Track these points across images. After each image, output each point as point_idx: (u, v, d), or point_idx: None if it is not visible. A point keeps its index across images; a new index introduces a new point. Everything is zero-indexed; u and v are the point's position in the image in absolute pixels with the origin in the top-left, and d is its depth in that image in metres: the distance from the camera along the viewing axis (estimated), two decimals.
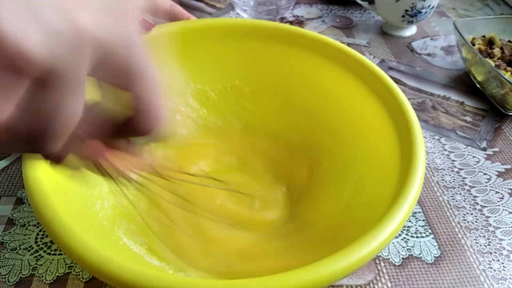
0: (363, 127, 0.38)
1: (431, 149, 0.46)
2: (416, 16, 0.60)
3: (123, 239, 0.33)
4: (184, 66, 0.44)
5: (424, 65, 0.58)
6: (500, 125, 0.49)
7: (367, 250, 0.25)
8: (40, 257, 0.35)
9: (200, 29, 0.43)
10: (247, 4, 0.63)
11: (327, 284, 0.24)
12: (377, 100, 0.37)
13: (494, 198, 0.41)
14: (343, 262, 0.24)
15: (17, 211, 0.38)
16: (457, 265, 0.35)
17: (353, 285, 0.34)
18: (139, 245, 0.33)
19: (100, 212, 0.33)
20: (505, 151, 0.46)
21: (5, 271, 0.34)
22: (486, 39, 0.55)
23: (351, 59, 0.39)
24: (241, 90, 0.45)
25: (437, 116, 0.50)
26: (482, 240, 0.37)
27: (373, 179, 0.35)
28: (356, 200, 0.35)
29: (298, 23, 0.66)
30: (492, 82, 0.48)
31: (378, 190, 0.33)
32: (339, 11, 0.70)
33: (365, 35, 0.64)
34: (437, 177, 0.42)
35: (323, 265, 0.24)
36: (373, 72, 0.38)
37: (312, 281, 0.23)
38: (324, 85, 0.42)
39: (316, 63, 0.42)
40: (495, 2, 0.74)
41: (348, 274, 0.25)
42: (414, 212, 0.39)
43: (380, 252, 0.36)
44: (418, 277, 0.34)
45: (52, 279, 0.33)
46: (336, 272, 0.24)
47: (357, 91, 0.39)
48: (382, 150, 0.35)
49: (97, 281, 0.33)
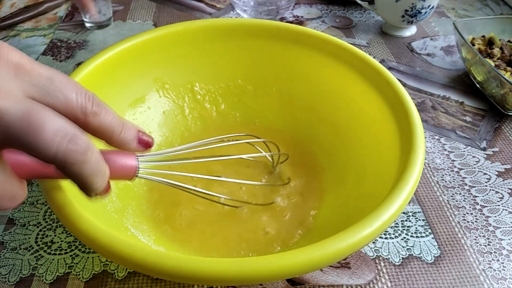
0: (364, 120, 0.39)
1: (431, 149, 0.46)
2: (416, 16, 0.60)
3: (131, 229, 0.34)
4: (187, 66, 0.44)
5: (424, 65, 0.58)
6: (500, 125, 0.49)
7: (369, 230, 0.26)
8: (40, 257, 0.35)
9: (202, 29, 0.44)
10: (247, 4, 0.63)
11: (336, 259, 0.25)
12: (377, 93, 0.38)
13: (494, 198, 0.41)
14: (346, 241, 0.25)
15: (17, 211, 0.38)
16: (457, 265, 0.35)
17: (353, 285, 0.34)
18: (147, 235, 0.34)
19: (109, 205, 0.34)
20: (505, 151, 0.46)
21: (5, 271, 0.34)
22: (486, 39, 0.55)
23: (350, 54, 0.40)
24: (244, 89, 0.46)
25: (437, 116, 0.50)
26: (482, 240, 0.37)
27: (374, 170, 0.35)
28: (358, 190, 0.36)
29: (298, 23, 0.66)
30: (492, 82, 0.48)
31: (379, 180, 0.33)
32: (339, 11, 0.70)
33: (365, 35, 0.64)
34: (437, 177, 0.42)
35: (330, 242, 0.25)
36: (372, 66, 0.38)
37: (320, 257, 0.24)
38: (324, 81, 0.43)
39: (316, 60, 0.43)
40: (495, 2, 0.74)
41: (350, 254, 0.26)
42: (414, 212, 0.39)
43: (380, 251, 0.36)
44: (418, 277, 0.34)
45: (52, 279, 0.33)
46: (342, 249, 0.25)
47: (357, 85, 0.40)
48: (383, 141, 0.36)
49: (97, 280, 0.33)
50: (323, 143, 0.42)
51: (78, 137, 0.20)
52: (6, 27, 0.64)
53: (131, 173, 0.28)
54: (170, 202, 0.38)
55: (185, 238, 0.35)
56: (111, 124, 0.23)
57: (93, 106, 0.22)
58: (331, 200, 0.38)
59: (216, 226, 0.36)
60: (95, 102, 0.22)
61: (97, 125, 0.23)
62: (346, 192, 0.37)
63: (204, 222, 0.37)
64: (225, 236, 0.36)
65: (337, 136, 0.41)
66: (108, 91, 0.40)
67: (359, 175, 0.37)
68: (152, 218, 0.37)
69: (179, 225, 0.36)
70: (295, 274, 0.25)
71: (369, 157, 0.37)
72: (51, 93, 0.21)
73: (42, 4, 0.67)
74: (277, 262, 0.24)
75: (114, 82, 0.40)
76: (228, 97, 0.46)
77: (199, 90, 0.45)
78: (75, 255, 0.35)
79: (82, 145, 0.20)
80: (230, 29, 0.44)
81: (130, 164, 0.27)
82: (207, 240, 0.35)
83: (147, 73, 0.43)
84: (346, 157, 0.39)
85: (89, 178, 0.22)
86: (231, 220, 0.37)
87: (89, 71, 0.37)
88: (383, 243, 0.37)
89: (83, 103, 0.22)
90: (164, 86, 0.44)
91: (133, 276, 0.34)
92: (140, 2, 0.70)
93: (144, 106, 0.43)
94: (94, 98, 0.22)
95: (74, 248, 0.35)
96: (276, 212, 0.37)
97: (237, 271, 0.24)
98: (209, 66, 0.45)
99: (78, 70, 0.37)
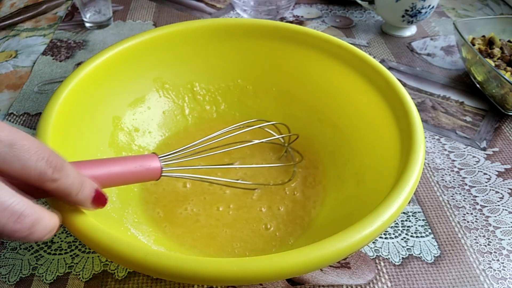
0: (364, 119, 0.39)
1: (431, 149, 0.46)
2: (416, 16, 0.60)
3: (131, 229, 0.34)
4: (187, 66, 0.44)
5: (424, 65, 0.58)
6: (500, 125, 0.49)
7: (369, 230, 0.26)
8: (40, 256, 0.35)
9: (202, 29, 0.44)
10: (247, 4, 0.63)
11: (335, 259, 0.25)
12: (377, 93, 0.38)
13: (494, 198, 0.41)
14: (346, 241, 0.25)
15: None
16: (457, 265, 0.35)
17: (353, 285, 0.34)
18: (147, 235, 0.34)
19: (109, 205, 0.34)
20: (505, 151, 0.46)
21: (5, 271, 0.34)
22: (486, 39, 0.55)
23: (350, 54, 0.40)
24: (244, 89, 0.46)
25: (437, 116, 0.50)
26: (482, 240, 0.37)
27: (374, 169, 0.36)
28: (358, 190, 0.36)
29: (298, 23, 0.66)
30: (492, 82, 0.48)
31: (379, 180, 0.34)
32: (339, 11, 0.70)
33: (365, 35, 0.64)
34: (437, 177, 0.42)
35: (330, 242, 0.25)
36: (372, 66, 0.38)
37: (320, 257, 0.25)
38: (324, 81, 0.43)
39: (316, 59, 0.43)
40: (495, 2, 0.74)
41: (350, 254, 0.26)
42: (414, 212, 0.39)
43: (380, 251, 0.36)
44: (418, 277, 0.34)
45: (52, 279, 0.33)
46: (341, 249, 0.25)
47: (357, 85, 0.40)
48: (383, 141, 0.36)
49: (97, 280, 0.33)
50: (323, 142, 0.42)
51: (25, 216, 0.20)
52: (6, 27, 0.64)
53: (156, 174, 0.30)
54: (170, 201, 0.38)
55: (184, 236, 0.35)
56: (69, 187, 0.23)
57: (53, 172, 0.22)
58: (331, 199, 0.38)
59: (216, 223, 0.36)
60: (56, 168, 0.22)
61: (54, 189, 0.23)
62: (346, 191, 0.37)
63: (203, 220, 0.37)
64: (224, 235, 0.36)
65: (337, 136, 0.41)
66: (108, 91, 0.40)
67: (359, 174, 0.37)
68: (152, 218, 0.37)
69: (179, 223, 0.36)
70: (295, 274, 0.25)
71: (369, 157, 0.37)
72: (8, 161, 0.20)
73: (42, 4, 0.67)
74: (277, 262, 0.24)
75: (114, 82, 0.40)
76: (228, 97, 0.46)
77: (199, 90, 0.45)
78: (75, 255, 0.35)
79: (27, 224, 0.20)
80: (230, 29, 0.44)
81: (154, 166, 0.30)
82: (206, 238, 0.35)
83: (147, 73, 0.43)
84: (346, 156, 0.39)
85: (37, 239, 0.22)
86: (230, 219, 0.37)
87: (89, 71, 0.37)
88: (383, 243, 0.37)
89: (41, 170, 0.21)
90: (164, 86, 0.44)
91: (133, 276, 0.34)
92: (140, 2, 0.70)
93: (144, 106, 0.43)
94: (57, 163, 0.22)
95: (74, 248, 0.35)
96: (276, 211, 0.37)
97: (237, 271, 0.24)
98: (209, 66, 0.45)
99: (78, 70, 0.37)
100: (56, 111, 0.33)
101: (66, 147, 0.33)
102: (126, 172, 0.28)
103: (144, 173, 0.29)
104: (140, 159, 0.30)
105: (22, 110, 0.49)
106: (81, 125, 0.36)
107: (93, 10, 0.62)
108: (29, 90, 0.52)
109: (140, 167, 0.29)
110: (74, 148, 0.35)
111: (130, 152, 0.40)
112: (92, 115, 0.38)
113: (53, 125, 0.32)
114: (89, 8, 0.62)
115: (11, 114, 0.49)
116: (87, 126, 0.37)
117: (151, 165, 0.30)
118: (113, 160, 0.29)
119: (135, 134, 0.42)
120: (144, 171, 0.29)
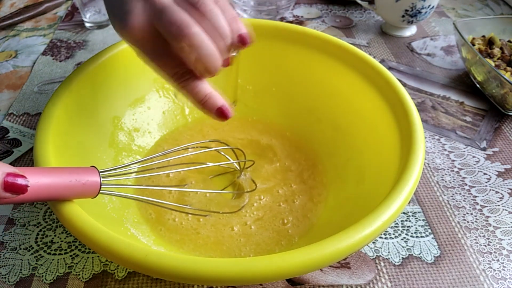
0: (364, 119, 0.39)
1: (431, 149, 0.46)
2: (416, 16, 0.60)
3: (131, 229, 0.34)
4: None
5: (424, 65, 0.58)
6: (500, 125, 0.49)
7: (368, 230, 0.26)
8: (40, 257, 0.35)
9: None
10: (247, 4, 0.63)
11: (335, 259, 0.25)
12: (377, 93, 0.38)
13: (494, 198, 0.41)
14: (346, 241, 0.25)
15: (17, 211, 0.38)
16: (457, 265, 0.35)
17: (353, 285, 0.34)
18: (147, 236, 0.34)
19: (108, 205, 0.34)
20: (505, 151, 0.46)
21: (5, 271, 0.34)
22: (486, 39, 0.55)
23: (350, 54, 0.40)
24: (244, 89, 0.46)
25: (437, 116, 0.50)
26: (482, 240, 0.37)
27: (374, 169, 0.36)
28: (358, 190, 0.36)
29: (298, 23, 0.66)
30: (492, 82, 0.48)
31: (379, 180, 0.34)
32: (339, 11, 0.70)
33: (365, 35, 0.64)
34: (437, 177, 0.42)
35: (330, 242, 0.25)
36: (372, 66, 0.38)
37: (320, 257, 0.25)
38: (324, 81, 0.43)
39: (316, 59, 0.43)
40: (495, 2, 0.74)
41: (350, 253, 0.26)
42: (414, 212, 0.39)
43: (380, 251, 0.36)
44: (418, 277, 0.34)
45: (52, 279, 0.33)
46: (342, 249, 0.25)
47: (357, 85, 0.40)
48: (383, 141, 0.36)
49: (97, 280, 0.33)
50: (323, 142, 0.42)
51: None
52: (6, 27, 0.64)
53: (94, 190, 0.27)
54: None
55: (179, 238, 0.35)
56: None
57: None
58: (331, 199, 0.38)
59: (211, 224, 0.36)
60: None
61: None
62: (346, 191, 0.37)
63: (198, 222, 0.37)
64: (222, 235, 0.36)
65: (337, 136, 0.41)
66: (108, 91, 0.40)
67: (359, 174, 0.37)
68: (146, 218, 0.36)
69: (173, 225, 0.36)
70: (295, 274, 0.25)
71: (369, 157, 0.37)
72: None
73: (42, 4, 0.67)
74: (277, 262, 0.24)
75: (114, 82, 0.40)
76: None
77: None
78: (75, 255, 0.35)
79: None
80: None
81: (92, 180, 0.26)
82: (202, 239, 0.35)
83: (147, 73, 0.42)
84: (346, 156, 0.39)
85: None
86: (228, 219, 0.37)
87: (89, 71, 0.37)
88: (383, 243, 0.37)
89: None
90: (164, 86, 0.44)
91: (133, 276, 0.34)
92: None
93: (144, 106, 0.43)
94: None
95: (74, 248, 0.35)
96: (275, 210, 0.37)
97: (237, 271, 0.24)
98: None
99: (78, 70, 0.37)
100: (56, 111, 0.33)
101: (66, 147, 0.33)
102: (56, 185, 0.25)
103: (79, 188, 0.26)
104: (76, 172, 0.26)
105: (22, 110, 0.49)
106: (81, 125, 0.36)
107: (93, 10, 0.62)
108: (29, 90, 0.52)
109: (76, 181, 0.26)
110: (74, 148, 0.35)
111: (130, 152, 0.41)
112: (92, 115, 0.38)
113: (53, 125, 0.32)
114: (89, 8, 0.62)
115: (11, 114, 0.49)
116: (87, 126, 0.37)
117: (88, 179, 0.26)
118: (44, 170, 0.26)
119: (135, 134, 0.42)
120: (79, 186, 0.26)
